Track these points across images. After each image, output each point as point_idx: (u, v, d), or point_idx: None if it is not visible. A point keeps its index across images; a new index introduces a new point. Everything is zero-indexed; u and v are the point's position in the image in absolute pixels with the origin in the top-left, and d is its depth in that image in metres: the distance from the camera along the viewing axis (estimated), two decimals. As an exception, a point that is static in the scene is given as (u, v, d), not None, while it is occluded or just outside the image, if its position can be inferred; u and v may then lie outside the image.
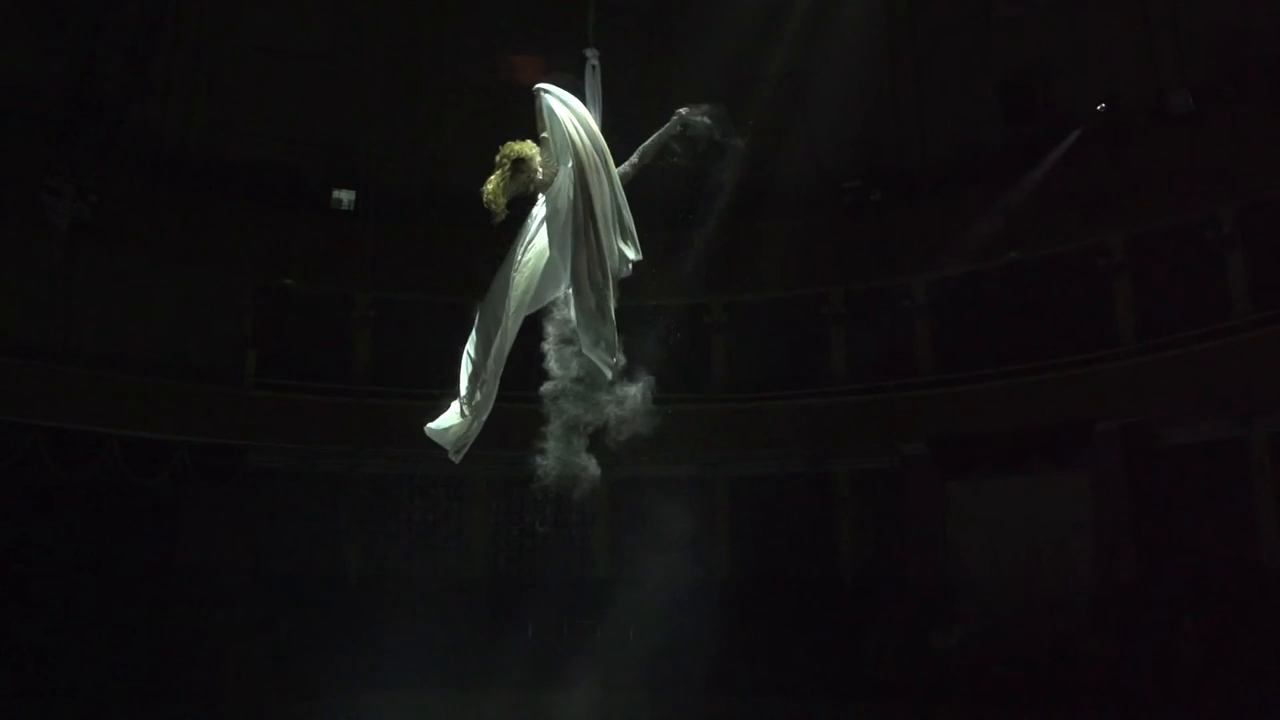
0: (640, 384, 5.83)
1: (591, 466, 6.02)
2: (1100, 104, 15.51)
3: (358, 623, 15.51)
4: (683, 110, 5.46)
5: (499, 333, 5.06)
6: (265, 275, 17.35)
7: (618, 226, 5.02)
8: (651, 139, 5.39)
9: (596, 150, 4.91)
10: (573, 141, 4.83)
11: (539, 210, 5.13)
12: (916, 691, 13.99)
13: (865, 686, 14.66)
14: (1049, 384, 15.40)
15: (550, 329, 5.56)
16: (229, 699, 13.78)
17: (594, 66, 5.30)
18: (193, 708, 13.60)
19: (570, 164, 4.87)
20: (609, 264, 4.91)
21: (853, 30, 16.42)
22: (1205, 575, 13.98)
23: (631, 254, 5.08)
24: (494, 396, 5.25)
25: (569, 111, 4.91)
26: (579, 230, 4.81)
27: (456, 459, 5.37)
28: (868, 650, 15.47)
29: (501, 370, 5.18)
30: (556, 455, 6.01)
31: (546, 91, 4.96)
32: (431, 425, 5.30)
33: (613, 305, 4.97)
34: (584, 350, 5.12)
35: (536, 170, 4.97)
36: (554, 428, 5.97)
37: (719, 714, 14.02)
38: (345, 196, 17.44)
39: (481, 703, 13.77)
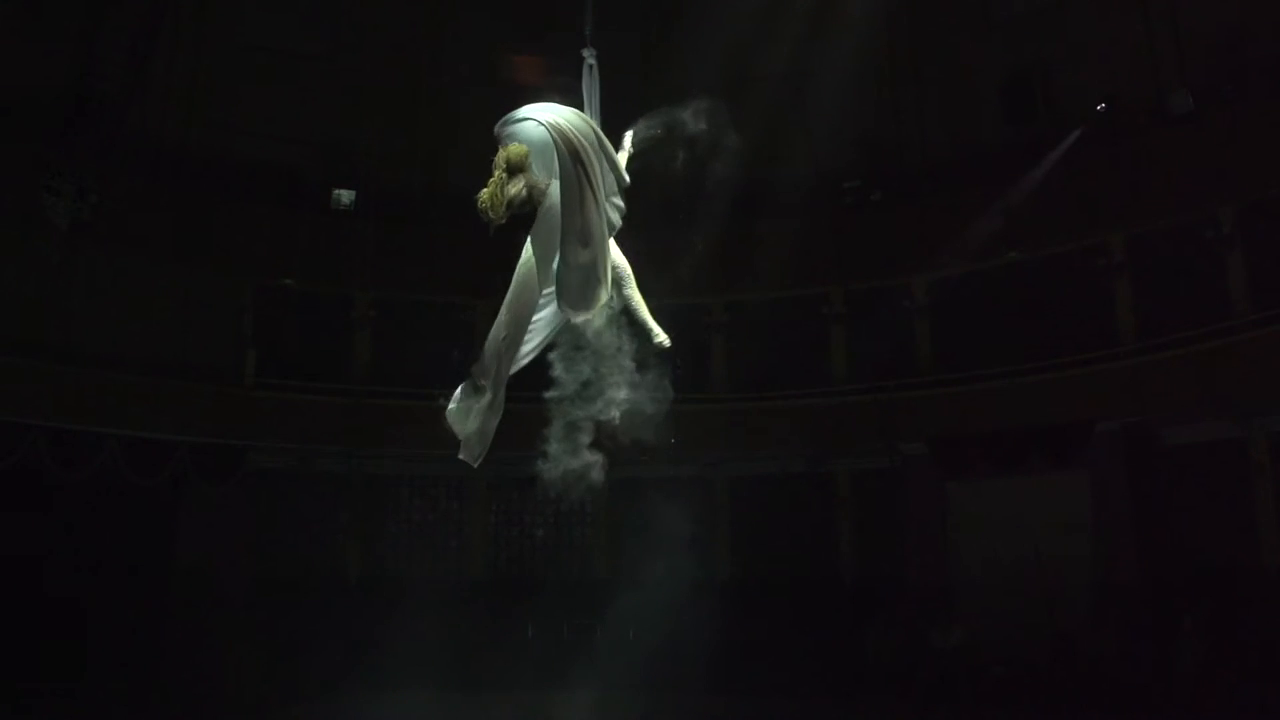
0: (644, 385, 5.83)
1: (592, 467, 6.02)
2: (1100, 104, 15.51)
3: (358, 623, 15.52)
4: (629, 133, 5.44)
5: (500, 341, 5.00)
6: (265, 275, 17.35)
7: (609, 182, 4.91)
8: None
9: (576, 129, 4.76)
10: (549, 125, 4.68)
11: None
12: (916, 691, 13.99)
13: (865, 686, 14.66)
14: (1049, 384, 15.40)
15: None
16: (229, 699, 13.79)
17: (591, 66, 5.27)
18: (193, 707, 13.61)
19: (557, 169, 4.78)
20: (604, 219, 4.82)
21: (853, 30, 16.41)
22: (1205, 575, 13.97)
23: (617, 212, 5.01)
24: (500, 403, 5.17)
25: (542, 112, 4.77)
26: (570, 188, 4.67)
27: (474, 462, 5.23)
28: (868, 650, 15.46)
29: (505, 378, 5.11)
30: (557, 456, 6.01)
31: (507, 122, 4.82)
32: (450, 408, 5.18)
33: (607, 265, 4.89)
34: (565, 306, 4.95)
35: (528, 183, 4.78)
36: (555, 428, 5.97)
37: (719, 714, 14.02)
38: (345, 196, 17.44)
39: (482, 703, 13.79)
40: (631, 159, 5.42)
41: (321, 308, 17.90)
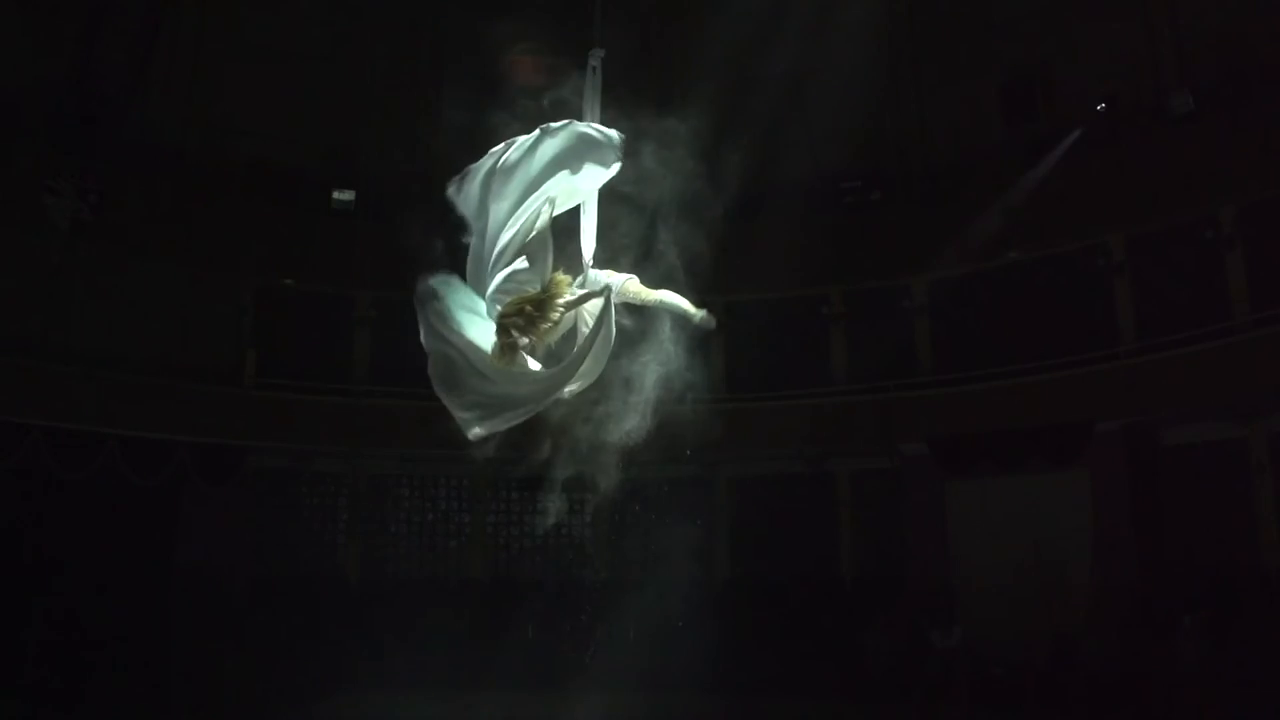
0: (646, 383, 5.82)
1: (592, 467, 6.01)
2: (1100, 104, 15.52)
3: (358, 623, 15.52)
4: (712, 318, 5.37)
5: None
6: (265, 275, 17.35)
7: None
8: (673, 300, 5.29)
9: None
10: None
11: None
12: (916, 691, 13.99)
13: (865, 686, 14.66)
14: (1049, 384, 15.39)
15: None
16: (229, 699, 13.78)
17: (594, 68, 5.19)
18: (193, 707, 13.61)
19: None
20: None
21: (853, 30, 16.41)
22: (1205, 575, 13.97)
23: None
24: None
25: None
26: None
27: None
28: (868, 650, 15.46)
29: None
30: (558, 455, 6.00)
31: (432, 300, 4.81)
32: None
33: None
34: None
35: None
36: (556, 429, 5.97)
37: (719, 714, 14.02)
38: (345, 196, 17.44)
39: (481, 703, 13.78)
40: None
41: (321, 308, 17.90)
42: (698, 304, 5.19)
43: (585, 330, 4.77)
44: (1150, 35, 15.71)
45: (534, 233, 4.77)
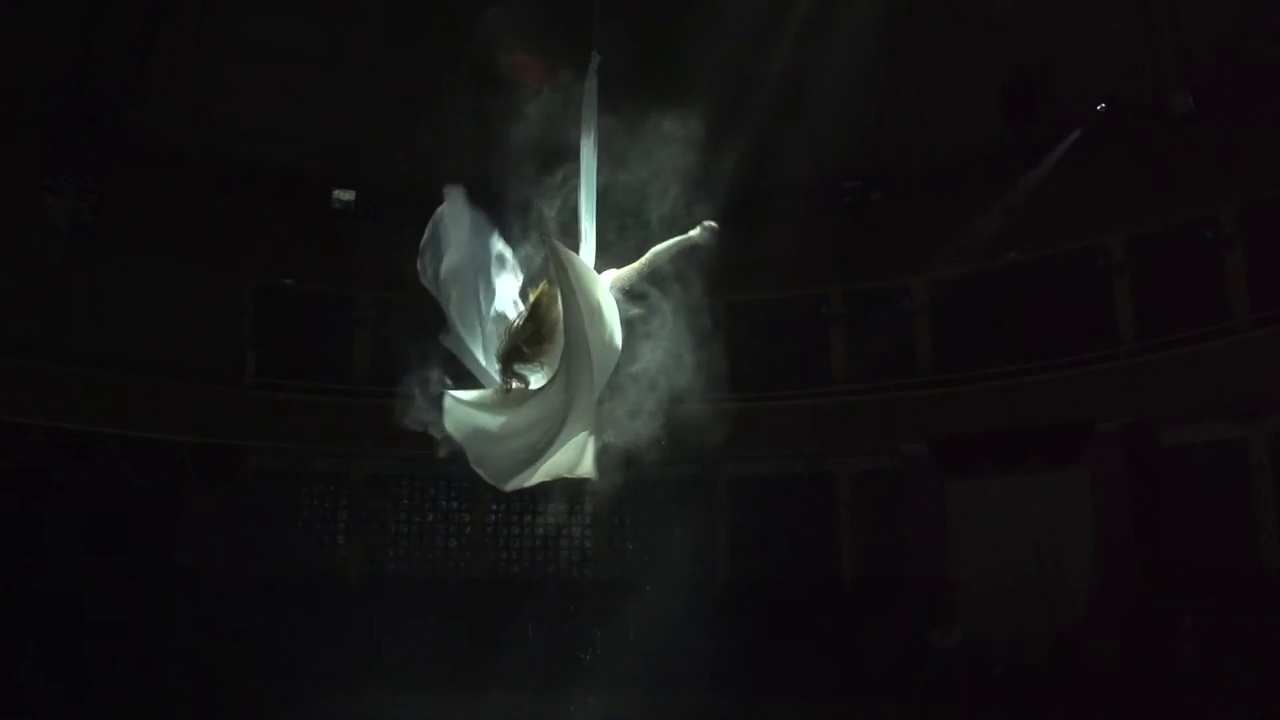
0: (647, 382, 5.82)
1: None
2: (1100, 104, 15.52)
3: (358, 623, 15.53)
4: (711, 224, 5.35)
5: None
6: (265, 275, 17.35)
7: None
8: (664, 248, 5.32)
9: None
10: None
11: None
12: (916, 691, 13.98)
13: (865, 686, 14.67)
14: (1049, 384, 15.39)
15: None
16: (229, 699, 13.79)
17: (593, 72, 5.17)
18: (193, 707, 13.61)
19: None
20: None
21: (853, 30, 16.42)
22: (1205, 575, 13.99)
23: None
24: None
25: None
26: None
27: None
28: (868, 650, 15.47)
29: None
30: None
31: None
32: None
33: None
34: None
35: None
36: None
37: (719, 714, 14.03)
38: (345, 196, 17.45)
39: (481, 704, 13.79)
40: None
41: (321, 308, 17.89)
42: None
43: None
44: (1150, 35, 15.71)
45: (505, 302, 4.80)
